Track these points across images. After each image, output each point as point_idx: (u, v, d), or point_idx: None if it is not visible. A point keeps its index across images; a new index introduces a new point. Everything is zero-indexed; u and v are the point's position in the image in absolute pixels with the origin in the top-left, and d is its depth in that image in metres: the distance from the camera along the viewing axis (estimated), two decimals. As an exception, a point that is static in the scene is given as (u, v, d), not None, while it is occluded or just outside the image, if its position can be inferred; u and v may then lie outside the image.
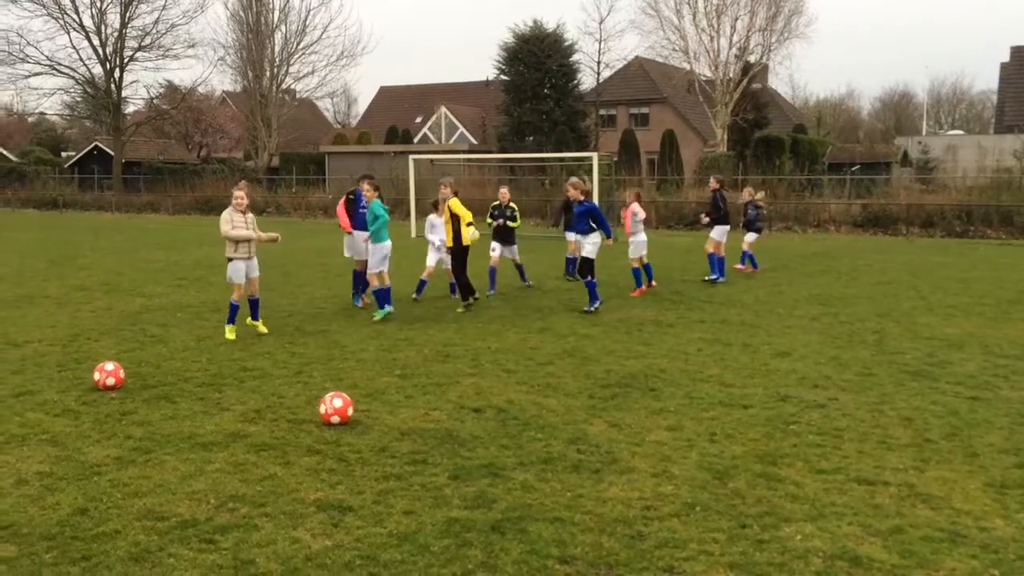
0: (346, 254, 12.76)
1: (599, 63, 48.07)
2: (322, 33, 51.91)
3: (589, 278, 11.88)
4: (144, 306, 12.49)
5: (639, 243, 13.92)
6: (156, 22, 46.85)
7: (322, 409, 6.73)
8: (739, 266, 16.63)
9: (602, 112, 50.43)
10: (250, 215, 10.22)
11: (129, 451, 6.02)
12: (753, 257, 16.82)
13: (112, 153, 48.43)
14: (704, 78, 44.44)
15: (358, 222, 12.29)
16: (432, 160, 34.51)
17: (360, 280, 12.51)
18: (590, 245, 11.92)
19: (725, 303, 12.83)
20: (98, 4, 46.02)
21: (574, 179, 12.85)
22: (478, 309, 12.25)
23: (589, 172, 26.83)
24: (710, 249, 15.28)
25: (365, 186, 11.79)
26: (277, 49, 49.96)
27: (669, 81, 48.92)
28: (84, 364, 8.59)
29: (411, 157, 29.78)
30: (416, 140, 52.50)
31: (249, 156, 52.45)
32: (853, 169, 38.56)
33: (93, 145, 53.20)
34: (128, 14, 46.35)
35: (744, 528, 4.74)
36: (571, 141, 43.07)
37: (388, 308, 11.39)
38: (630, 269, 13.96)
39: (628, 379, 8.12)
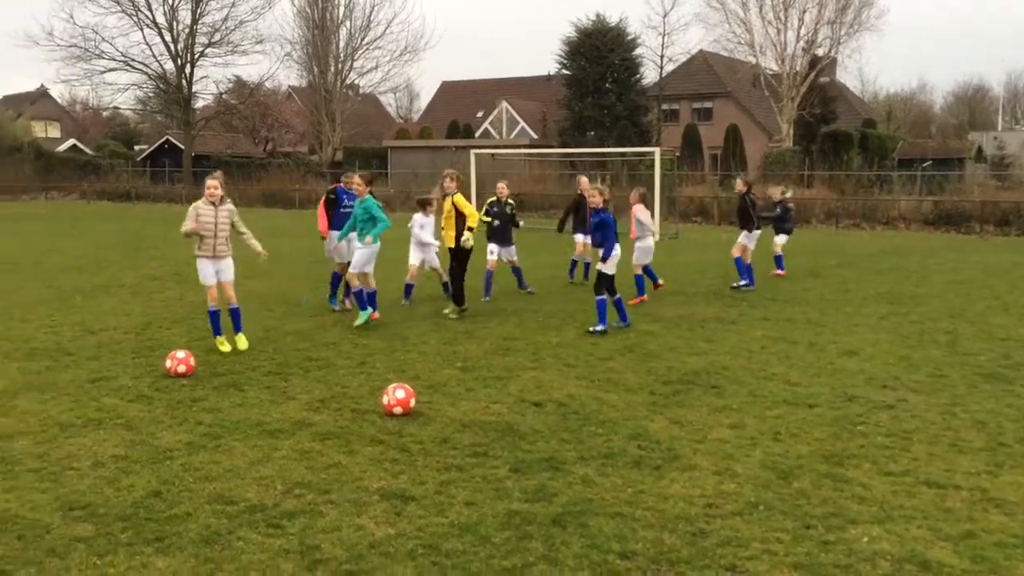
0: (328, 256, 11.71)
1: (662, 57, 47.64)
2: (386, 28, 52.65)
3: (602, 295, 10.25)
4: (213, 296, 12.79)
5: (645, 249, 12.45)
6: (225, 18, 48.01)
7: (385, 400, 6.82)
8: (779, 271, 15.36)
9: (664, 107, 49.96)
10: (227, 207, 9.04)
11: (200, 436, 6.20)
12: (781, 259, 15.51)
13: (182, 147, 49.75)
14: (770, 72, 43.68)
15: (338, 222, 11.26)
16: (493, 155, 34.61)
17: (339, 281, 11.56)
18: (611, 259, 10.37)
19: (790, 301, 12.62)
20: (170, 1, 47.29)
21: (585, 179, 12.03)
22: (539, 303, 12.26)
23: (651, 167, 26.64)
24: (736, 253, 13.87)
25: (356, 179, 10.72)
26: (342, 45, 50.74)
27: (734, 75, 48.24)
28: (157, 352, 8.85)
29: (472, 152, 29.93)
30: (477, 135, 52.71)
31: (313, 150, 53.35)
32: (924, 165, 37.53)
33: (164, 139, 54.72)
34: (199, 11, 47.54)
35: (809, 529, 4.66)
36: (633, 136, 42.79)
37: (371, 310, 10.38)
38: (633, 275, 12.34)
39: (690, 376, 8.05)
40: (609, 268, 10.31)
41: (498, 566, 4.22)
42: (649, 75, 47.50)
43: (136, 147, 59.54)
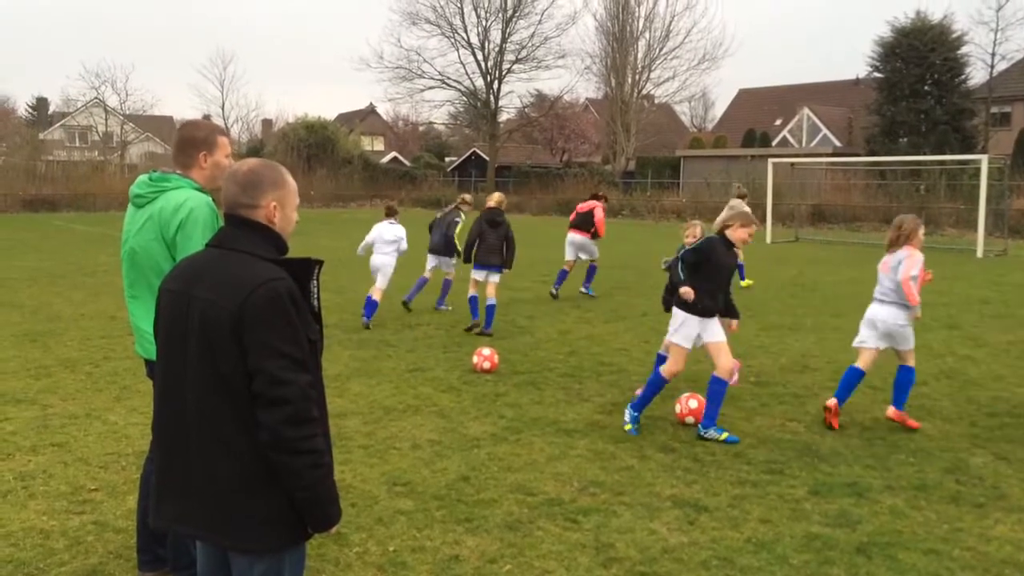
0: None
1: (993, 55, 42.88)
2: (684, 38, 52.59)
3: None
4: (512, 298, 13.54)
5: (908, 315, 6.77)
6: (532, 36, 50.47)
7: (677, 408, 6.85)
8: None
9: (994, 110, 44.88)
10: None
11: (502, 429, 6.61)
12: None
13: (487, 158, 53.08)
14: None
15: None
16: (793, 164, 33.19)
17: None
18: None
19: None
20: (484, 23, 50.68)
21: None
22: (839, 320, 11.57)
23: (974, 177, 24.15)
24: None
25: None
26: (640, 56, 51.31)
27: (1083, 71, 42.21)
28: (464, 348, 9.55)
29: (770, 161, 28.91)
30: (775, 143, 50.79)
31: (607, 160, 54.45)
32: None
33: (471, 151, 58.76)
34: (508, 30, 50.45)
35: None
36: (954, 142, 38.91)
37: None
38: (899, 368, 6.95)
39: (1021, 408, 7.21)
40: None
41: (796, 588, 4.09)
42: (977, 75, 42.97)
43: (447, 159, 64.44)
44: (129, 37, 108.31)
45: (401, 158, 65.13)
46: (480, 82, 51.87)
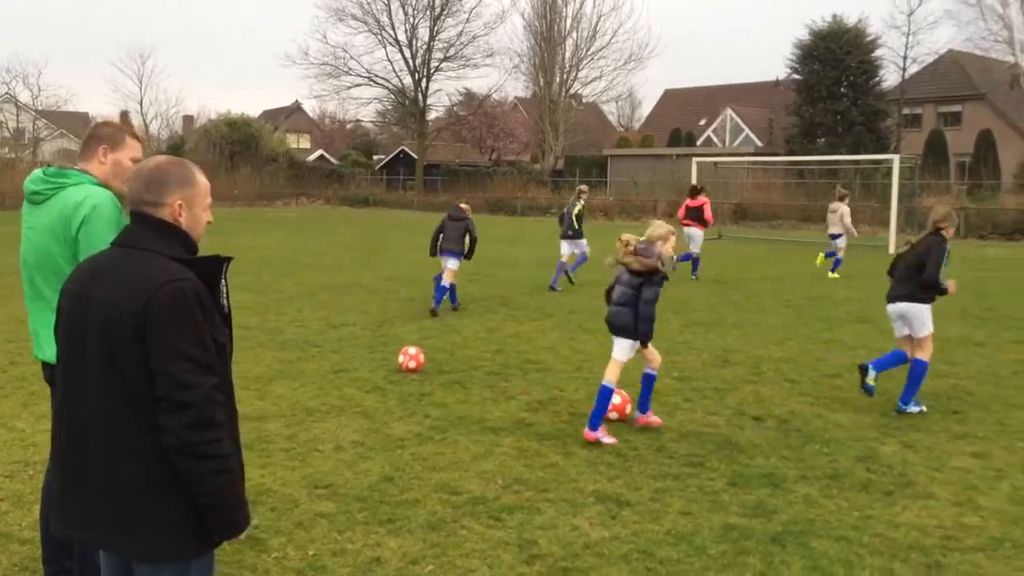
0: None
1: (905, 58, 44.62)
2: (611, 38, 53.23)
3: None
4: (440, 298, 13.49)
5: None
6: (460, 34, 50.41)
7: (601, 405, 6.90)
8: None
9: (906, 111, 46.63)
10: None
11: (428, 428, 6.58)
12: None
13: (416, 156, 52.78)
14: (1032, 71, 39.58)
15: None
16: (716, 163, 33.89)
17: None
18: None
19: (1049, 323, 11.39)
20: (411, 20, 50.42)
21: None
22: (760, 316, 11.87)
23: (887, 176, 25.04)
24: None
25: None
26: (567, 55, 51.75)
27: (988, 76, 44.11)
28: (390, 347, 9.48)
29: (694, 160, 29.43)
30: (699, 143, 51.82)
31: (536, 159, 54.75)
32: None
33: (400, 149, 58.33)
34: (436, 28, 50.29)
35: (1065, 574, 4.22)
36: (868, 143, 40.31)
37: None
38: None
39: (927, 399, 7.50)
40: None
41: (713, 579, 4.17)
42: (890, 78, 44.63)
43: (375, 157, 63.84)
44: (41, 30, 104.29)
45: (328, 156, 64.24)
46: (408, 80, 51.64)
